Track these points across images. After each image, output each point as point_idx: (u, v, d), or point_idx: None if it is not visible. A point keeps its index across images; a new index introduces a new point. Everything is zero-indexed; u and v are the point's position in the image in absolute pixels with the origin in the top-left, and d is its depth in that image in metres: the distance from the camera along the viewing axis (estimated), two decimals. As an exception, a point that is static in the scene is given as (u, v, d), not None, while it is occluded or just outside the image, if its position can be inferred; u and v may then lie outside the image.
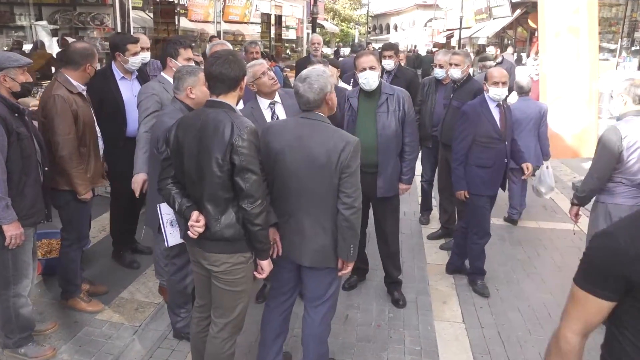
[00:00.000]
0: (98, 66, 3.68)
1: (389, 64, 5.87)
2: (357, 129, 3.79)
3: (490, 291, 4.28)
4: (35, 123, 3.25)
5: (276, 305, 2.96)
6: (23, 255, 3.02)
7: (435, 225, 5.62)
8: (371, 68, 3.70)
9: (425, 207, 5.90)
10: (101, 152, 3.61)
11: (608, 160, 3.40)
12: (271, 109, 3.54)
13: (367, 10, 39.74)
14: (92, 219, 4.92)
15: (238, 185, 2.39)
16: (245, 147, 2.35)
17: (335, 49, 25.49)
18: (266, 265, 2.60)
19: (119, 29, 7.99)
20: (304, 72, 2.70)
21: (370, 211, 4.16)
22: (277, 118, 3.54)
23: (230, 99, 2.49)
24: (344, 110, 3.87)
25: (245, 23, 18.13)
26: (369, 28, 53.79)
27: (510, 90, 8.48)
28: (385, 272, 4.18)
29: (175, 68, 3.44)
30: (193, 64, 3.62)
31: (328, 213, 2.68)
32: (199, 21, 13.18)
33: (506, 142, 4.06)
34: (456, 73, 4.86)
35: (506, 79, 3.93)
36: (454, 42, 27.75)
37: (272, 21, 15.93)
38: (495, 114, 4.03)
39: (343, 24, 42.66)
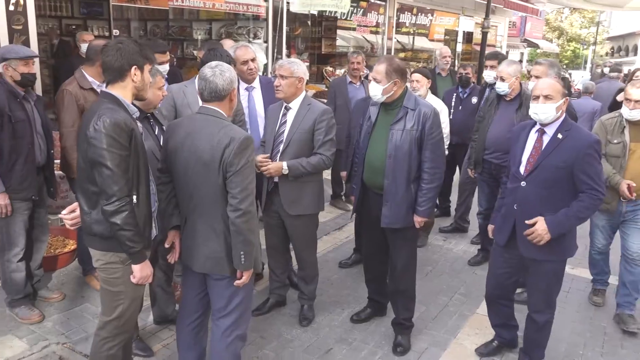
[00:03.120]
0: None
1: (489, 75, 5.11)
2: (370, 144, 3.34)
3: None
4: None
5: (185, 315, 2.77)
6: (14, 226, 3.39)
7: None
8: (374, 79, 3.21)
9: (484, 247, 4.86)
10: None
11: None
12: (248, 91, 3.90)
13: (597, 29, 34.88)
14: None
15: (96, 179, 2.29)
16: (96, 138, 2.22)
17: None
18: (137, 269, 2.43)
19: (270, 42, 8.63)
20: (213, 62, 2.57)
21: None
22: (254, 102, 3.86)
23: (117, 89, 2.39)
24: (363, 120, 3.45)
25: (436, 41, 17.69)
26: (612, 50, 47.55)
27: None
28: (393, 310, 3.57)
29: None
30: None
31: (219, 216, 2.48)
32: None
33: (522, 183, 2.96)
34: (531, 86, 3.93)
35: (550, 91, 2.86)
36: None
37: (459, 38, 15.19)
38: (530, 141, 3.01)
39: (571, 43, 38.35)
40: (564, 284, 4.45)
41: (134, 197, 2.35)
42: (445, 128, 4.63)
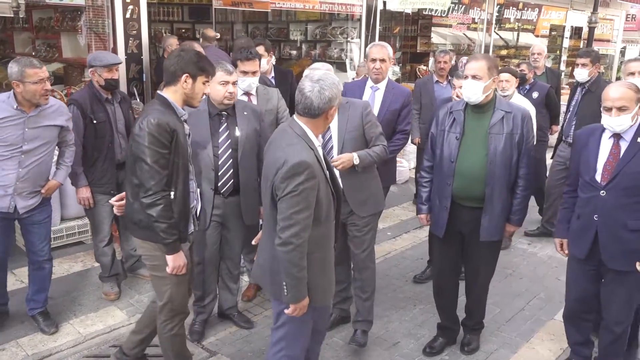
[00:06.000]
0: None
1: (581, 73, 4.86)
2: (460, 151, 3.09)
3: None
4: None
5: None
6: (99, 216, 3.79)
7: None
8: (474, 77, 2.99)
9: None
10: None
11: None
12: (372, 90, 3.76)
13: None
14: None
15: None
16: (140, 136, 2.42)
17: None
18: (170, 259, 2.56)
19: (362, 41, 8.80)
20: (319, 73, 2.37)
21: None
22: (373, 103, 3.64)
23: (168, 92, 2.56)
24: (443, 126, 3.16)
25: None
26: None
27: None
28: (465, 315, 3.49)
29: None
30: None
31: (272, 230, 2.33)
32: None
33: (602, 192, 2.80)
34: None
35: (624, 102, 2.66)
36: None
37: (566, 33, 14.35)
38: (605, 147, 2.83)
39: None
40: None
41: (172, 193, 2.51)
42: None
